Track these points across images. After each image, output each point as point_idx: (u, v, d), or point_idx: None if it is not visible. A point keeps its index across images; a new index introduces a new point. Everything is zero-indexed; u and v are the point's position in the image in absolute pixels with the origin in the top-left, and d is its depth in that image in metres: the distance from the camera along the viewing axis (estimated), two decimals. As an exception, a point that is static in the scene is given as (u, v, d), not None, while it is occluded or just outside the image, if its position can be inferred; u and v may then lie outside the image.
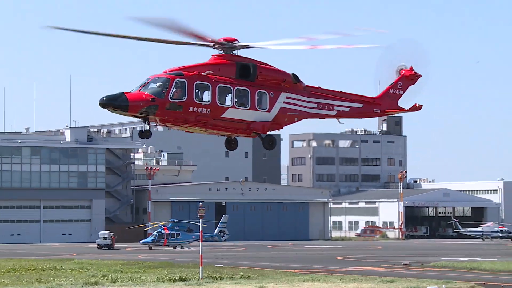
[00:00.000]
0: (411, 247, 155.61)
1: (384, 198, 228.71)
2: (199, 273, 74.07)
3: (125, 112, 40.45)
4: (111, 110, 40.26)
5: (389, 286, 67.48)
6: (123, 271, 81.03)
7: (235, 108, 41.66)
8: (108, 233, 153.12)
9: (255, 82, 42.01)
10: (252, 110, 42.14)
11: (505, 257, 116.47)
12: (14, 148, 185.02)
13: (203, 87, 41.00)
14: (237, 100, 41.68)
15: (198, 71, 41.04)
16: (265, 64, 42.53)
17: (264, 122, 42.52)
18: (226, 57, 41.83)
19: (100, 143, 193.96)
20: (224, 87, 41.34)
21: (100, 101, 39.91)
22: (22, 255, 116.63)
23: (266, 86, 42.37)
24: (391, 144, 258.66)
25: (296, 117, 43.88)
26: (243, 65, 41.88)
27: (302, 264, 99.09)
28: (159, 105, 40.23)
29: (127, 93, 40.15)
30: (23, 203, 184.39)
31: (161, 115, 40.61)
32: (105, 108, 40.05)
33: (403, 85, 46.07)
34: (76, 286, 66.47)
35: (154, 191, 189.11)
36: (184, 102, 40.54)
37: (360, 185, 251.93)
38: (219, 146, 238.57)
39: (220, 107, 41.29)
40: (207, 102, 40.99)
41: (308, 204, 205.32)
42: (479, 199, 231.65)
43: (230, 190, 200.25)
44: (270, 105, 42.56)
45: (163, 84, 40.38)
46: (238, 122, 42.00)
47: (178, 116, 40.75)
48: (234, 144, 44.60)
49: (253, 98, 42.02)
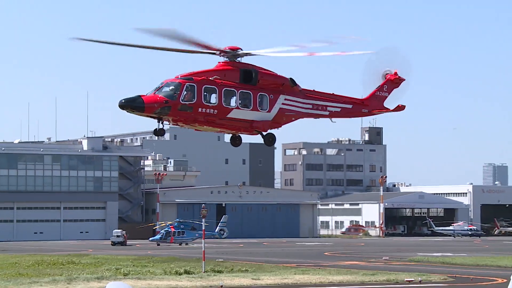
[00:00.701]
0: (390, 244, 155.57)
1: (367, 200, 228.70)
2: (202, 266, 74.07)
3: (141, 113, 40.66)
4: (129, 111, 40.45)
5: (370, 279, 67.46)
6: (134, 265, 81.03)
7: (239, 109, 41.86)
8: (120, 231, 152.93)
9: (256, 86, 42.23)
10: (254, 111, 42.31)
11: (473, 252, 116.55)
12: (37, 155, 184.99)
13: (211, 90, 41.26)
14: (241, 102, 41.88)
15: (206, 76, 41.31)
16: (265, 70, 42.80)
17: (265, 121, 42.68)
18: (231, 64, 42.07)
19: (113, 151, 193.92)
20: (229, 90, 41.58)
21: (119, 103, 40.13)
22: (44, 251, 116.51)
23: (266, 89, 42.59)
24: (373, 152, 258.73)
25: (293, 116, 44.05)
26: (246, 70, 42.14)
27: (293, 259, 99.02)
28: (171, 107, 40.45)
29: (143, 96, 40.53)
30: (45, 205, 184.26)
31: (173, 115, 40.85)
32: (124, 109, 40.26)
33: (388, 88, 46.24)
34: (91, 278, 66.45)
35: (162, 194, 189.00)
36: (194, 104, 40.79)
37: (345, 188, 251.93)
38: (219, 154, 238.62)
39: (225, 108, 41.52)
40: (214, 104, 41.23)
41: (299, 205, 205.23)
42: (450, 201, 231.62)
43: (229, 193, 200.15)
44: (270, 106, 42.75)
45: (175, 87, 40.66)
46: (242, 121, 42.17)
47: (189, 116, 41.04)
48: (238, 141, 44.59)
49: (255, 100, 42.23)
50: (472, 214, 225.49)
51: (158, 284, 63.03)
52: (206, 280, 65.65)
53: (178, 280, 66.19)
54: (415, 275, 68.66)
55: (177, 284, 62.98)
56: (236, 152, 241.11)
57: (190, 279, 66.71)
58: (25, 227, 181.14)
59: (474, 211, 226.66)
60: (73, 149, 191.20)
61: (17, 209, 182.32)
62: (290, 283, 64.25)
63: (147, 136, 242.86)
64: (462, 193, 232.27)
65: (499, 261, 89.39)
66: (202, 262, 74.92)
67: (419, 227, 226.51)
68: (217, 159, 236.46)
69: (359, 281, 65.58)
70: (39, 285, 60.94)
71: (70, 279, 65.45)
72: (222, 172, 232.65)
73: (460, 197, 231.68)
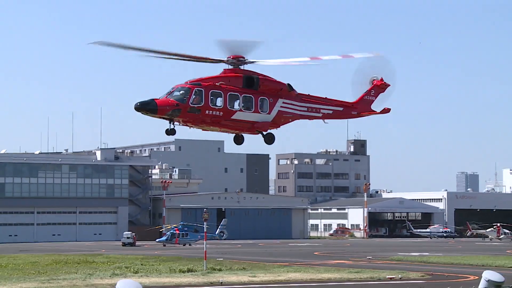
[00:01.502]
0: (373, 245, 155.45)
1: (352, 205, 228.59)
2: (203, 265, 73.91)
3: (155, 115, 40.69)
4: (143, 113, 40.51)
5: (356, 276, 67.36)
6: (142, 264, 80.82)
7: (242, 111, 41.92)
8: (130, 233, 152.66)
9: (258, 91, 42.35)
10: (255, 113, 42.38)
11: (448, 252, 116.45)
12: (56, 165, 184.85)
13: (217, 94, 41.35)
14: (244, 105, 41.96)
15: (213, 82, 41.45)
16: (266, 76, 42.94)
17: (265, 122, 42.75)
18: (235, 71, 42.20)
19: (124, 161, 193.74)
20: (233, 94, 41.68)
21: (135, 106, 40.18)
22: (62, 251, 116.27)
23: (266, 94, 42.70)
24: (357, 162, 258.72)
25: (291, 118, 44.13)
26: (248, 77, 42.28)
27: (286, 258, 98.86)
28: (181, 109, 40.49)
29: (156, 100, 40.59)
30: (63, 209, 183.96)
31: (183, 117, 40.90)
32: (139, 111, 40.34)
33: (375, 93, 46.33)
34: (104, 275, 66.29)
35: (168, 200, 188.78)
36: (202, 107, 40.87)
37: (332, 195, 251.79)
38: (219, 163, 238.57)
39: (230, 110, 41.60)
40: (220, 107, 41.29)
41: (291, 210, 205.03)
42: (427, 206, 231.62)
43: (228, 199, 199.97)
44: (270, 109, 42.82)
45: (185, 92, 40.75)
46: (244, 122, 42.22)
47: (197, 117, 41.10)
48: (241, 140, 44.56)
49: (256, 103, 42.32)
50: (446, 218, 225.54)
51: (164, 281, 62.88)
52: (207, 277, 65.52)
53: (183, 277, 66.06)
54: (396, 273, 68.56)
55: (182, 281, 62.82)
56: (235, 162, 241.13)
57: (193, 276, 66.58)
58: (45, 230, 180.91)
59: (449, 215, 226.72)
60: (88, 159, 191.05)
61: (37, 213, 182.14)
62: (283, 280, 64.11)
63: (155, 148, 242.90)
64: (437, 199, 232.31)
65: (471, 260, 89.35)
66: (204, 261, 74.76)
67: (399, 229, 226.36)
68: (217, 168, 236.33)
69: (345, 278, 65.46)
70: (57, 282, 60.76)
71: (84, 276, 65.29)
72: (222, 180, 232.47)
73: (436, 202, 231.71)
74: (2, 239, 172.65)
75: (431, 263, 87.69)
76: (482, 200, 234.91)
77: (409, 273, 69.94)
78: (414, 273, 69.84)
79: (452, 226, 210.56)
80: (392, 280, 63.97)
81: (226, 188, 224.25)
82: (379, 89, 46.27)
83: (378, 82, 46.22)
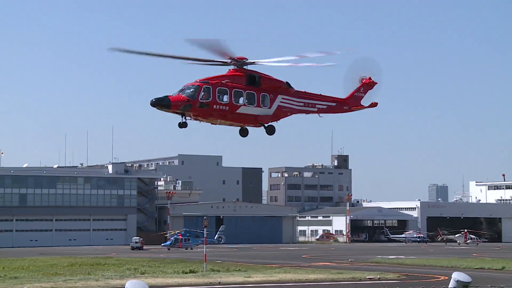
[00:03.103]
0: (355, 249, 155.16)
1: (336, 213, 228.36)
2: (204, 267, 73.67)
3: (168, 109, 40.61)
4: (158, 108, 40.45)
5: (339, 276, 67.16)
6: (149, 266, 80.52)
7: (246, 106, 41.90)
8: (138, 238, 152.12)
9: (259, 88, 42.35)
10: (258, 107, 42.34)
11: (421, 255, 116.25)
12: (72, 177, 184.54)
13: (223, 91, 41.34)
14: (247, 100, 41.93)
15: (219, 80, 41.47)
16: (266, 75, 42.95)
17: (267, 115, 42.72)
18: (239, 70, 42.21)
19: (133, 174, 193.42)
20: (238, 91, 41.67)
21: (150, 102, 40.14)
22: (77, 255, 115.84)
23: (267, 90, 42.66)
24: (341, 175, 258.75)
25: (289, 112, 44.06)
26: (251, 75, 42.30)
27: (277, 260, 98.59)
28: (192, 104, 40.47)
29: (170, 96, 40.55)
30: (78, 217, 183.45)
31: (193, 111, 40.85)
32: (154, 107, 40.25)
33: (364, 90, 46.45)
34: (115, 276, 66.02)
35: (172, 208, 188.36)
36: (210, 102, 40.85)
37: (318, 204, 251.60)
38: (218, 176, 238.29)
39: (235, 105, 41.59)
40: (226, 102, 41.25)
41: (282, 218, 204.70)
42: (402, 214, 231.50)
43: (226, 207, 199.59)
44: (270, 104, 42.79)
45: (195, 89, 40.75)
46: (248, 115, 42.15)
47: (206, 112, 41.06)
48: (246, 133, 44.38)
49: (258, 99, 42.29)
50: (420, 225, 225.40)
51: (168, 281, 62.63)
52: (207, 277, 65.29)
53: (185, 278, 65.80)
54: (375, 274, 68.42)
55: (184, 281, 62.58)
56: (231, 175, 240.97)
57: (195, 277, 66.33)
58: (62, 235, 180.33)
59: (422, 222, 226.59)
60: (100, 172, 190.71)
61: (55, 221, 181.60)
62: (275, 280, 63.91)
63: (160, 162, 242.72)
64: (412, 208, 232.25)
65: (441, 262, 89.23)
66: (204, 263, 74.51)
67: (378, 235, 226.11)
68: (216, 180, 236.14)
69: (329, 279, 65.28)
70: (73, 282, 60.47)
71: (97, 277, 65.03)
72: (220, 191, 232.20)
73: (410, 211, 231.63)
74: (24, 243, 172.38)
75: (406, 265, 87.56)
76: (451, 209, 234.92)
77: (387, 274, 69.80)
78: (391, 274, 69.71)
79: (424, 232, 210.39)
80: (372, 280, 63.84)
81: (224, 198, 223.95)
82: (368, 87, 46.51)
83: (366, 80, 46.47)
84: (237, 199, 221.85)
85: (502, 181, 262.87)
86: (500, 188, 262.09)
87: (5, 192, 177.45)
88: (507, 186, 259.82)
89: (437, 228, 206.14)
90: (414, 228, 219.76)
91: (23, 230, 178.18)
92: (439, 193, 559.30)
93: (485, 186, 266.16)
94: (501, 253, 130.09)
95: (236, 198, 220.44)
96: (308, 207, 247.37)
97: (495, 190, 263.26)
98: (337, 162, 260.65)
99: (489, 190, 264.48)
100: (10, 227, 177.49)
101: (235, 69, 42.16)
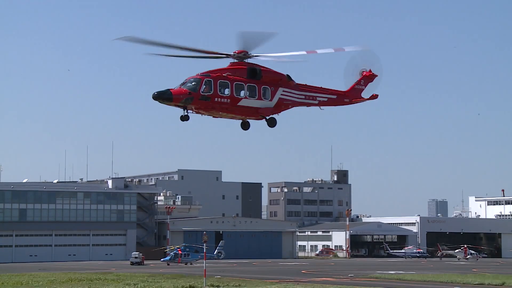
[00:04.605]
0: (355, 264, 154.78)
1: (336, 229, 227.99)
2: (203, 282, 73.47)
3: (171, 102, 40.53)
4: (160, 102, 40.36)
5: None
6: (149, 281, 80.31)
7: (247, 98, 41.97)
8: (138, 253, 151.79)
9: (260, 81, 42.38)
10: (259, 100, 42.38)
11: (421, 270, 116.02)
12: (72, 192, 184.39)
13: (225, 84, 41.40)
14: (249, 93, 42.01)
15: (221, 73, 41.48)
16: (267, 68, 42.96)
17: (268, 108, 42.78)
18: (240, 64, 42.23)
19: (133, 189, 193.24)
20: (239, 84, 41.72)
21: (152, 95, 40.06)
22: (76, 270, 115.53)
23: (268, 83, 42.71)
24: (340, 190, 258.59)
25: (290, 105, 44.03)
26: (252, 68, 42.39)
27: (277, 275, 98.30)
28: (194, 97, 40.50)
29: (172, 89, 40.51)
30: (78, 232, 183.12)
31: (195, 104, 40.86)
32: (156, 100, 40.11)
33: (365, 82, 46.57)
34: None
35: (171, 223, 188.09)
36: (211, 95, 40.89)
37: (318, 219, 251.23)
38: (218, 191, 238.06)
39: (236, 98, 41.63)
40: (228, 95, 41.30)
41: (281, 233, 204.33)
42: (402, 229, 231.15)
43: (225, 222, 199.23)
44: (271, 96, 42.83)
45: (196, 82, 40.80)
46: (249, 108, 42.21)
47: (207, 104, 41.08)
48: (247, 126, 44.29)
49: (259, 92, 42.34)
50: (419, 240, 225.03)
51: (168, 296, 62.42)
52: (206, 293, 65.08)
53: (184, 293, 65.60)
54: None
55: (183, 296, 62.38)
56: (231, 190, 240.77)
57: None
58: (61, 250, 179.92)
59: (421, 237, 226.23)
60: (100, 187, 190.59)
61: (55, 236, 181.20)
62: (274, 295, 63.77)
63: (160, 177, 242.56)
64: (411, 223, 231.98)
65: (441, 278, 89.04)
66: (204, 278, 74.34)
67: (377, 250, 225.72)
68: (216, 195, 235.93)
69: (329, 294, 65.12)
70: (72, 297, 60.26)
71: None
72: (219, 206, 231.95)
73: (410, 226, 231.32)
74: (23, 258, 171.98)
75: (406, 280, 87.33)
76: (450, 224, 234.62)
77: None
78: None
79: (424, 247, 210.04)
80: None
81: (223, 213, 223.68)
82: (368, 79, 46.69)
83: (367, 73, 46.63)
84: (237, 214, 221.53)
85: (502, 197, 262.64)
86: (500, 203, 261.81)
87: (5, 207, 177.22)
88: (507, 201, 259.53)
89: (437, 244, 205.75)
90: (413, 243, 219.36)
91: (23, 246, 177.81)
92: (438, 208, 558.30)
93: (484, 201, 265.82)
94: (501, 268, 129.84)
95: (235, 213, 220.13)
96: (308, 222, 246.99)
97: (494, 205, 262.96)
98: (336, 177, 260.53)
99: (489, 205, 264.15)
100: (10, 243, 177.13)
101: (236, 62, 42.25)
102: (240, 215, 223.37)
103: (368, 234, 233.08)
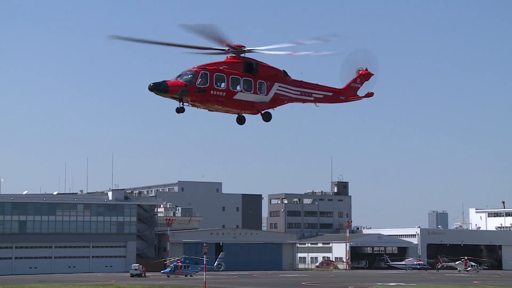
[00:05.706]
0: (355, 276, 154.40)
1: (336, 240, 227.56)
2: (203, 294, 73.25)
3: (166, 94, 40.60)
4: (156, 93, 40.39)
5: (339, 304, 66.83)
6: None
7: (243, 92, 42.15)
8: (138, 265, 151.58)
9: (256, 75, 42.53)
10: (255, 94, 42.56)
11: (421, 282, 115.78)
12: (72, 204, 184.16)
13: (221, 77, 41.56)
14: (244, 87, 42.18)
15: (217, 67, 41.61)
16: (263, 63, 43.08)
17: (263, 102, 42.89)
18: (236, 58, 42.37)
19: (133, 201, 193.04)
20: (235, 77, 41.87)
21: (148, 87, 40.11)
22: (76, 282, 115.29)
23: (264, 78, 42.88)
24: (341, 201, 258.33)
25: (286, 100, 44.16)
26: (248, 62, 42.58)
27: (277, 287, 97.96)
28: (189, 89, 40.64)
29: (168, 81, 40.59)
30: (78, 244, 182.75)
31: (191, 96, 40.97)
32: (152, 91, 40.14)
33: (361, 81, 46.78)
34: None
35: (172, 235, 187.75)
36: (207, 87, 41.04)
37: (318, 231, 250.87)
38: (218, 203, 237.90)
39: (232, 91, 41.76)
40: (223, 88, 41.38)
41: (281, 244, 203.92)
42: (402, 241, 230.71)
43: (226, 234, 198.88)
44: (267, 91, 42.96)
45: (192, 75, 40.93)
46: (245, 102, 42.32)
47: (203, 97, 41.22)
48: (243, 120, 44.30)
49: (255, 86, 42.50)
50: (420, 252, 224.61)
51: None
52: (207, 305, 64.93)
53: (184, 305, 65.45)
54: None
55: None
56: (231, 202, 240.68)
57: (194, 304, 65.93)
58: (61, 262, 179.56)
59: (422, 249, 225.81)
60: (100, 199, 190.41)
61: (55, 248, 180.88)
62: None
63: (160, 189, 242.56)
64: (412, 235, 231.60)
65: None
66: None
67: (378, 262, 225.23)
68: (216, 207, 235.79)
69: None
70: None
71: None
72: (219, 218, 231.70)
73: (410, 238, 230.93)
74: (23, 270, 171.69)
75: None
76: (451, 236, 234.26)
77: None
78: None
79: (424, 259, 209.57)
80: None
81: (223, 224, 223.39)
82: (364, 78, 46.90)
83: (363, 71, 46.84)
84: (237, 225, 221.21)
85: (502, 209, 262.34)
86: (500, 215, 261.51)
87: (5, 219, 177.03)
88: (507, 213, 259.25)
89: (437, 256, 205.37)
90: (414, 255, 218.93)
91: (23, 257, 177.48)
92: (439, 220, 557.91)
93: (485, 213, 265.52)
94: (501, 280, 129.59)
95: (235, 225, 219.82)
96: (308, 233, 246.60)
97: (495, 217, 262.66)
98: (336, 188, 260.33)
99: (489, 217, 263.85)
100: (10, 255, 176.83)
101: (232, 56, 42.40)
102: (240, 226, 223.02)
103: (369, 246, 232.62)
